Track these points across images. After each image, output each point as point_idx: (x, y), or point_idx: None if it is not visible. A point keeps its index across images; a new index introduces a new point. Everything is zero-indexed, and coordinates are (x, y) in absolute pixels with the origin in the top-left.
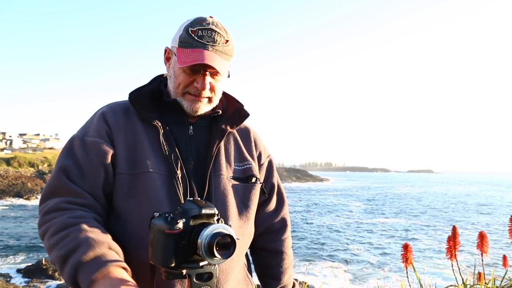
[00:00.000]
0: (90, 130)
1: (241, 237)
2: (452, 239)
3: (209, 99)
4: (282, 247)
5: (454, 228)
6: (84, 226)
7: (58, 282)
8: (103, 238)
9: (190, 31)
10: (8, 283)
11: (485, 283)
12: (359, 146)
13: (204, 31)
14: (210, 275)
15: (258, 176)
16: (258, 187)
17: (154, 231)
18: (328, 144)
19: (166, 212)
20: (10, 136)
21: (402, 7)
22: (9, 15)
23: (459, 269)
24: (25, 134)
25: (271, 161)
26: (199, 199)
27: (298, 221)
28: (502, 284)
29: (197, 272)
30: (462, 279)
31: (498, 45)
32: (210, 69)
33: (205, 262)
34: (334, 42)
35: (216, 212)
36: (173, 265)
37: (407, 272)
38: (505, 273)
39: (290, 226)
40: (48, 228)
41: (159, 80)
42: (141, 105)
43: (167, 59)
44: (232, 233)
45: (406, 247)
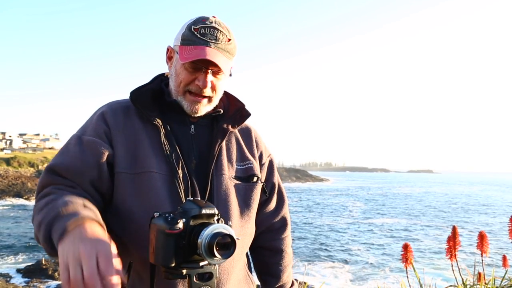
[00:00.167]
0: (88, 129)
1: (242, 237)
2: (452, 239)
3: (209, 99)
4: (282, 246)
5: (454, 228)
6: (65, 195)
7: (58, 282)
8: (80, 199)
9: (192, 29)
10: (8, 283)
11: (485, 283)
12: (359, 146)
13: (206, 29)
14: (210, 275)
15: (259, 176)
16: (259, 186)
17: (154, 231)
18: (328, 144)
19: (166, 212)
20: (10, 136)
21: (402, 7)
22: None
23: (459, 269)
24: (25, 134)
25: (271, 161)
26: (199, 199)
27: (298, 221)
28: (502, 284)
29: (197, 272)
30: (462, 279)
31: (498, 45)
32: (212, 66)
33: (205, 262)
34: (334, 42)
35: (216, 212)
36: (173, 265)
37: (407, 272)
38: (505, 273)
39: (290, 225)
40: (35, 211)
41: (160, 79)
42: (142, 104)
43: (169, 58)
44: (232, 233)
45: (406, 247)
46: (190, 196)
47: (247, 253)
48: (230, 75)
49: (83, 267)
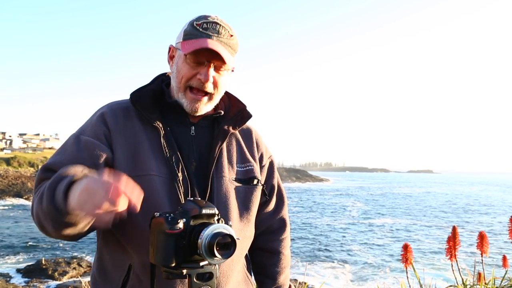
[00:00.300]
0: (87, 130)
1: (241, 239)
2: (452, 239)
3: (210, 97)
4: (280, 247)
5: (454, 228)
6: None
7: (58, 282)
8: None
9: (195, 24)
10: (8, 283)
11: (485, 283)
12: (359, 146)
13: (209, 24)
14: (210, 275)
15: (260, 178)
16: (259, 189)
17: (154, 231)
18: (328, 144)
19: (167, 212)
20: (10, 136)
21: (402, 7)
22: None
23: (459, 269)
24: (25, 134)
25: (272, 162)
26: (199, 199)
27: (298, 221)
28: (502, 284)
29: (197, 272)
30: (462, 279)
31: (498, 45)
32: (214, 60)
33: (206, 262)
34: (334, 42)
35: (217, 212)
36: (173, 265)
37: (407, 272)
38: (505, 273)
39: (289, 227)
40: (34, 203)
41: (161, 79)
42: (142, 106)
43: (170, 58)
44: (232, 233)
45: (406, 247)
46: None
47: (246, 255)
48: (232, 70)
49: (104, 187)
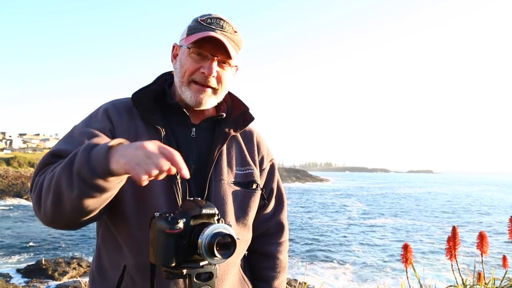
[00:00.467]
0: (93, 123)
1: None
2: (452, 239)
3: (214, 91)
4: (276, 251)
5: (454, 228)
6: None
7: (58, 282)
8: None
9: (199, 19)
10: (8, 283)
11: (485, 283)
12: (359, 146)
13: (213, 19)
14: (210, 275)
15: (259, 182)
16: (258, 193)
17: (154, 231)
18: (328, 144)
19: (167, 212)
20: (10, 136)
21: (402, 7)
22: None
23: (459, 269)
24: (25, 134)
25: (273, 165)
26: (199, 199)
27: (298, 221)
28: (502, 284)
29: (197, 272)
30: (462, 279)
31: (498, 45)
32: (218, 53)
33: (206, 262)
34: (334, 42)
35: (217, 212)
36: (173, 264)
37: (407, 272)
38: (505, 273)
39: (287, 231)
40: (36, 182)
41: (164, 78)
42: (143, 107)
43: (174, 56)
44: (232, 233)
45: (406, 247)
46: None
47: (244, 258)
48: (236, 70)
49: (151, 157)
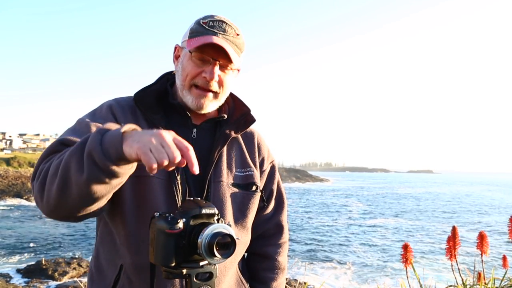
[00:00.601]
0: (97, 117)
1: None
2: (452, 239)
3: (215, 95)
4: (275, 253)
5: (454, 228)
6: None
7: (58, 282)
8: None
9: (201, 22)
10: (8, 283)
11: (485, 283)
12: (359, 146)
13: (215, 22)
14: (210, 275)
15: (259, 184)
16: (257, 195)
17: (154, 231)
18: (328, 144)
19: (167, 212)
20: (10, 136)
21: (402, 7)
22: (9, 15)
23: (458, 269)
24: (25, 134)
25: (273, 167)
26: (199, 199)
27: (298, 221)
28: (501, 284)
29: (197, 272)
30: (462, 279)
31: (498, 45)
32: (220, 57)
33: (205, 262)
34: (334, 42)
35: (216, 212)
36: (173, 264)
37: (407, 272)
38: (505, 273)
39: (286, 233)
40: (41, 168)
41: (166, 78)
42: (145, 106)
43: (176, 57)
44: (232, 232)
45: (406, 247)
46: None
47: (242, 260)
48: (238, 71)
49: (164, 146)
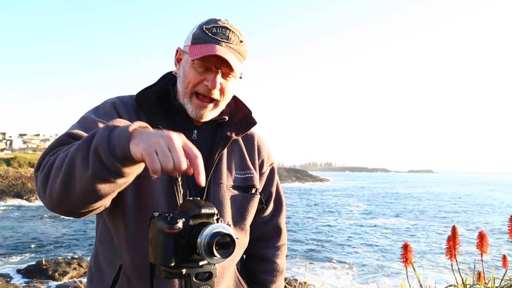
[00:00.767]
0: (101, 114)
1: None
2: (452, 239)
3: (216, 103)
4: (273, 255)
5: (454, 228)
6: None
7: (58, 282)
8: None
9: (204, 28)
10: (8, 283)
11: (485, 283)
12: (359, 146)
13: (218, 28)
14: (209, 275)
15: (258, 187)
16: (257, 198)
17: (154, 231)
18: (328, 144)
19: (166, 211)
20: (10, 136)
21: (402, 7)
22: (9, 15)
23: (458, 269)
24: (25, 134)
25: (273, 169)
26: (198, 199)
27: (298, 222)
28: (501, 284)
29: (196, 272)
30: (462, 279)
31: (498, 45)
32: (222, 66)
33: (205, 262)
34: (334, 42)
35: (216, 212)
36: (172, 264)
37: (407, 272)
38: (505, 273)
39: (284, 235)
40: (46, 161)
41: (168, 78)
42: (147, 107)
43: (177, 61)
44: (231, 232)
45: (406, 247)
46: None
47: (241, 262)
48: (241, 76)
49: (172, 150)
